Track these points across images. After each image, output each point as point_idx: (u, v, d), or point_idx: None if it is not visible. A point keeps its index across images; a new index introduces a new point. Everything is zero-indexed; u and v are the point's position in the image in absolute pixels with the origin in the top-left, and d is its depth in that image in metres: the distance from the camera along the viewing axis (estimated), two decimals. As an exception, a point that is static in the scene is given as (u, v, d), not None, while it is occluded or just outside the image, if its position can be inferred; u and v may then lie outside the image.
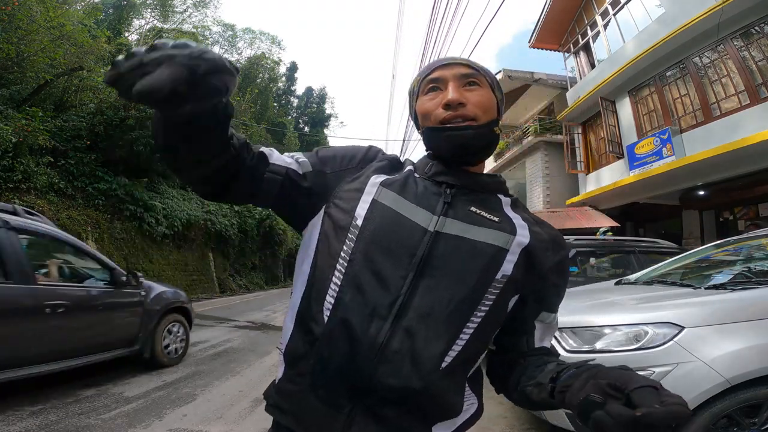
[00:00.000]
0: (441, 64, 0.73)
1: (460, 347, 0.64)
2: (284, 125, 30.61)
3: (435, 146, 0.73)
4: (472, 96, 0.70)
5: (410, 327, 0.62)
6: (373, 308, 0.62)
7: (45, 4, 9.69)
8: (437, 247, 0.65)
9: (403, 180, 0.72)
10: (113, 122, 11.15)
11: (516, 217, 0.73)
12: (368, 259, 0.65)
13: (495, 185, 0.76)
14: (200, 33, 22.98)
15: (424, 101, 0.73)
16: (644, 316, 2.11)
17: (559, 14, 11.74)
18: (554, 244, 0.74)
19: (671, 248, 5.26)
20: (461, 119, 0.69)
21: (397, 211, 0.68)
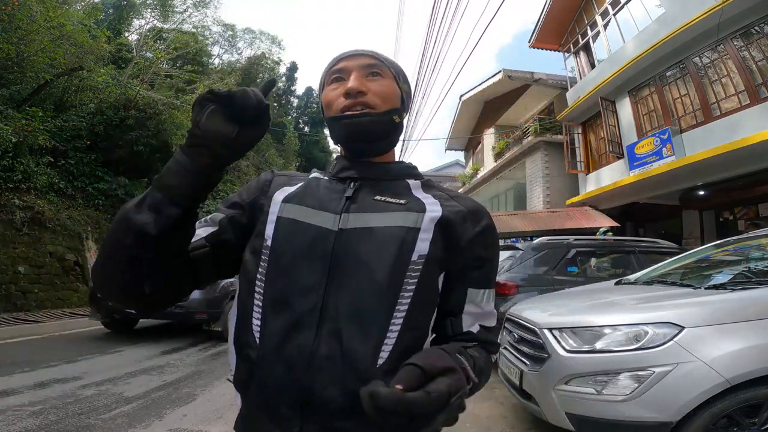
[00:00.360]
0: (346, 55, 0.75)
1: (393, 339, 0.61)
2: (284, 125, 30.60)
3: (335, 135, 0.74)
4: (373, 85, 0.72)
5: (335, 329, 0.61)
6: (297, 319, 0.62)
7: (45, 4, 9.68)
8: (344, 243, 0.65)
9: (303, 188, 0.74)
10: (113, 122, 11.15)
11: (426, 196, 0.73)
12: (283, 273, 0.65)
13: (403, 171, 0.77)
14: (200, 33, 22.97)
15: (328, 91, 0.74)
16: (644, 316, 2.11)
17: (559, 14, 11.73)
18: (473, 215, 0.72)
19: (671, 248, 5.26)
20: (360, 107, 0.70)
21: (301, 221, 0.68)
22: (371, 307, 0.62)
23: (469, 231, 0.70)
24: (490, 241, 0.73)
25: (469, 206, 0.74)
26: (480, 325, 0.71)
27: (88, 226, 10.12)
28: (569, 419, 2.16)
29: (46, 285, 8.52)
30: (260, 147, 25.75)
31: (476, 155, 18.69)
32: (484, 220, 0.73)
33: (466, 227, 0.70)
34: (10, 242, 7.96)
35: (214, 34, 25.42)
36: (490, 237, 0.73)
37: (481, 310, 0.71)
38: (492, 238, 0.73)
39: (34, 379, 3.73)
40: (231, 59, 26.32)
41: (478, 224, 0.72)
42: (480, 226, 0.72)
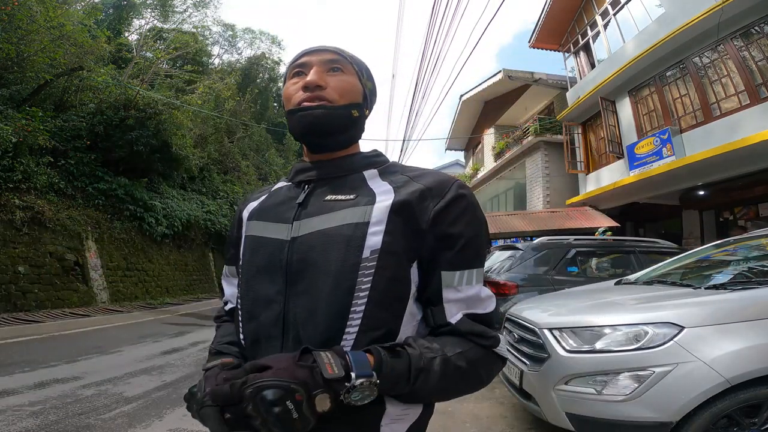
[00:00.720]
0: (309, 51, 0.73)
1: (351, 341, 0.60)
2: (284, 125, 30.58)
3: (291, 129, 0.73)
4: (333, 80, 0.70)
5: (297, 335, 0.62)
6: (266, 329, 0.65)
7: (45, 4, 9.68)
8: (296, 251, 0.65)
9: (265, 200, 0.77)
10: (113, 122, 11.15)
11: (381, 184, 0.69)
12: (251, 288, 0.69)
13: (361, 162, 0.74)
14: (200, 33, 22.97)
15: (288, 86, 0.73)
16: (644, 316, 2.11)
17: (559, 14, 11.73)
18: (433, 190, 0.66)
19: (671, 248, 5.26)
20: (317, 101, 0.68)
21: (261, 236, 0.70)
22: (325, 312, 0.61)
23: (429, 209, 0.64)
24: (458, 214, 0.65)
25: (430, 182, 0.67)
26: (465, 314, 0.65)
27: (88, 226, 10.12)
28: (569, 419, 2.16)
29: (46, 285, 8.52)
30: (260, 147, 25.76)
31: (476, 155, 18.70)
32: (448, 193, 0.65)
33: (425, 206, 0.64)
34: (10, 242, 7.97)
35: (214, 34, 25.44)
36: (458, 210, 0.65)
37: (463, 295, 0.64)
38: (460, 210, 0.65)
39: (34, 379, 3.73)
40: (231, 59, 26.34)
41: (441, 199, 0.65)
42: (443, 201, 0.65)
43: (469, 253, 0.65)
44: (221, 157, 20.18)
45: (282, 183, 0.80)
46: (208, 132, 17.59)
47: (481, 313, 0.66)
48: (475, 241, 0.66)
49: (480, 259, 0.67)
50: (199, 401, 0.56)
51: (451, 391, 0.64)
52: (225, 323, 0.85)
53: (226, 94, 19.20)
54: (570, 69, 12.52)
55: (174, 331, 6.93)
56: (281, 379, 0.50)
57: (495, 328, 0.67)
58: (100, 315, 8.65)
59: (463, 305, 0.65)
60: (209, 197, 17.48)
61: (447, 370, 0.60)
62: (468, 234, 0.65)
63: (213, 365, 0.65)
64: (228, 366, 0.64)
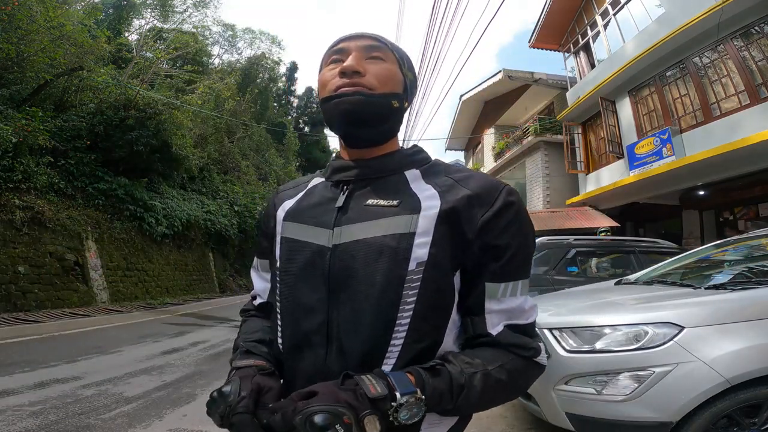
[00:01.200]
0: (347, 36, 0.70)
1: (395, 354, 0.59)
2: (284, 125, 30.59)
3: (327, 118, 0.68)
4: (373, 67, 0.66)
5: (341, 345, 0.61)
6: (308, 337, 0.63)
7: (45, 4, 9.69)
8: (339, 260, 0.62)
9: (302, 199, 0.73)
10: (113, 122, 11.15)
11: (425, 189, 0.65)
12: (291, 293, 0.66)
13: (402, 161, 0.70)
14: (200, 33, 22.97)
15: (325, 72, 0.69)
16: (644, 316, 2.11)
17: (559, 14, 11.74)
18: (481, 198, 0.62)
19: (671, 248, 5.26)
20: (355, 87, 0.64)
21: (299, 239, 0.68)
22: (370, 324, 0.60)
23: (476, 218, 0.61)
24: (506, 224, 0.61)
25: (477, 187, 0.63)
26: (506, 325, 0.62)
27: (88, 226, 10.12)
28: (569, 419, 2.16)
29: (46, 285, 8.52)
30: (260, 147, 25.76)
31: (476, 155, 18.70)
32: (497, 201, 0.62)
33: (472, 214, 0.61)
34: (10, 242, 7.96)
35: (214, 34, 25.43)
36: (506, 219, 0.62)
37: (506, 306, 0.62)
38: (509, 219, 0.62)
39: (34, 379, 3.73)
40: (231, 59, 26.33)
41: (489, 207, 0.62)
42: (491, 210, 0.61)
43: (515, 265, 0.62)
44: (221, 157, 20.19)
45: (318, 179, 0.76)
46: (208, 132, 17.59)
47: (522, 324, 0.63)
48: (522, 252, 0.63)
49: (526, 270, 0.64)
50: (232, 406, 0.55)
51: (491, 403, 0.62)
52: (253, 318, 0.81)
53: (226, 94, 19.21)
54: (570, 69, 12.53)
55: (174, 331, 6.93)
56: (328, 403, 0.49)
57: (537, 337, 0.65)
58: (100, 315, 8.65)
59: (504, 316, 0.63)
60: (209, 197, 17.48)
61: (488, 385, 0.58)
62: (515, 245, 0.62)
63: (245, 365, 0.64)
64: (263, 370, 0.64)
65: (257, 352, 0.70)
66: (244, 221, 18.69)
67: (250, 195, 20.51)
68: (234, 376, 0.61)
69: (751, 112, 6.84)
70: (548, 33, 12.29)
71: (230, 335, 6.76)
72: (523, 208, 0.65)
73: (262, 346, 0.71)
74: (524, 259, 0.64)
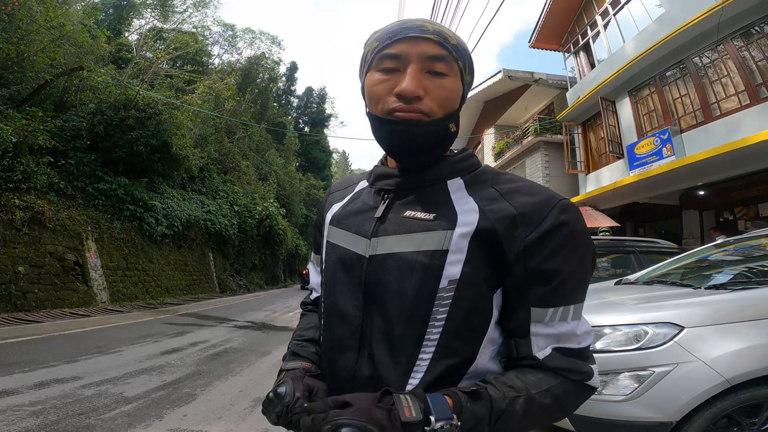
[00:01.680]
0: (405, 35, 0.59)
1: (423, 368, 0.59)
2: (284, 125, 30.62)
3: (378, 138, 0.64)
4: (434, 87, 0.59)
5: (372, 353, 0.61)
6: (342, 342, 0.65)
7: (45, 4, 9.70)
8: (374, 271, 0.62)
9: (348, 203, 0.73)
10: (113, 122, 11.15)
11: (466, 202, 0.61)
12: (331, 298, 0.68)
13: (445, 170, 0.65)
14: (200, 33, 22.97)
15: (375, 81, 0.61)
16: (644, 316, 2.11)
17: (559, 14, 11.74)
18: (527, 216, 0.57)
19: (671, 248, 5.25)
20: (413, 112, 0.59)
21: (341, 245, 0.68)
22: (399, 336, 0.60)
23: (520, 240, 0.56)
24: (556, 247, 0.56)
25: (524, 203, 0.58)
26: (554, 349, 0.58)
27: (88, 226, 10.12)
28: (569, 419, 2.16)
29: (46, 285, 8.52)
30: (260, 147, 25.78)
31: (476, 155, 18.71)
32: (546, 220, 0.56)
33: (515, 236, 0.56)
34: (10, 242, 7.96)
35: (214, 34, 25.49)
36: (557, 242, 0.56)
37: (555, 331, 0.58)
38: (560, 242, 0.56)
39: (34, 379, 3.73)
40: (231, 59, 26.38)
41: (535, 228, 0.56)
42: (537, 231, 0.56)
43: (566, 290, 0.57)
44: (221, 157, 20.20)
45: (363, 183, 0.75)
46: (208, 132, 17.60)
47: (574, 348, 0.59)
48: (576, 276, 0.58)
49: (580, 294, 0.59)
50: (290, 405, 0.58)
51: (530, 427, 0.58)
52: (310, 313, 0.85)
53: (226, 94, 19.22)
54: (570, 69, 12.53)
55: (174, 331, 6.93)
56: (360, 419, 0.49)
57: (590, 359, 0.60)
58: (100, 315, 8.65)
59: (553, 340, 0.58)
60: (209, 197, 17.49)
61: (530, 410, 0.56)
62: (567, 269, 0.57)
63: (293, 367, 0.67)
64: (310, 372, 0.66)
65: (304, 354, 0.72)
66: (244, 221, 18.70)
67: (250, 195, 20.53)
68: (285, 377, 0.64)
69: (751, 112, 6.84)
70: (548, 33, 12.30)
71: (230, 335, 6.77)
72: (579, 228, 0.58)
73: (310, 346, 0.74)
74: (578, 283, 0.59)
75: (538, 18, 12.11)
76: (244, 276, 19.75)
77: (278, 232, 21.32)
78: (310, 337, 0.76)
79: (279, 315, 9.98)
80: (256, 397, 3.58)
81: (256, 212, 19.51)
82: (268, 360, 5.06)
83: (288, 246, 23.98)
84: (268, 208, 20.25)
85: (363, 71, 0.65)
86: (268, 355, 5.31)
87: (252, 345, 6.02)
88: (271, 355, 5.32)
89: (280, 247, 22.61)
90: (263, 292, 18.51)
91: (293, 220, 26.64)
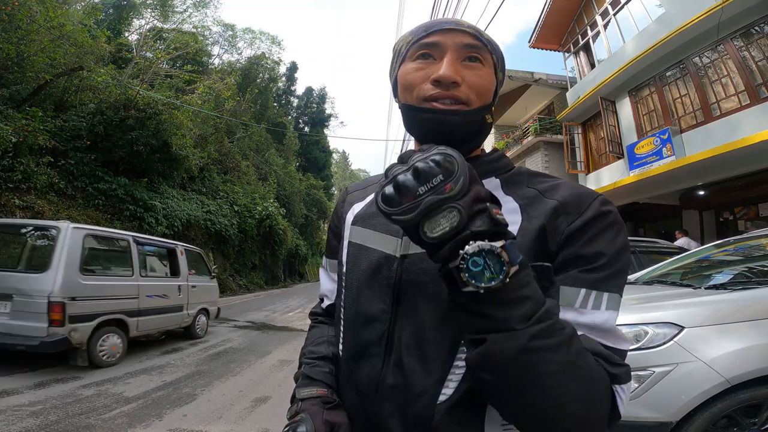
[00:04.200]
0: (441, 27, 0.60)
1: (459, 375, 0.54)
2: (284, 125, 30.60)
3: (411, 127, 0.62)
4: (470, 75, 0.59)
5: (399, 360, 0.57)
6: (366, 347, 0.61)
7: (45, 4, 9.69)
8: (406, 271, 0.59)
9: (368, 205, 0.70)
10: (113, 122, 11.15)
11: (506, 201, 0.59)
12: (354, 300, 0.64)
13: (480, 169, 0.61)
14: (200, 33, 22.98)
15: (410, 70, 0.61)
16: (644, 316, 2.11)
17: (559, 14, 11.74)
18: (569, 206, 0.56)
19: (671, 248, 5.25)
20: (450, 101, 0.57)
21: (366, 246, 0.65)
22: (433, 341, 0.56)
23: (562, 228, 0.54)
24: (597, 233, 0.53)
25: (566, 196, 0.57)
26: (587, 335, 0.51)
27: (88, 226, 10.12)
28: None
29: (46, 285, 8.50)
30: (260, 147, 25.77)
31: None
32: (588, 210, 0.55)
33: (557, 225, 0.55)
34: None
35: (214, 34, 25.48)
36: (598, 229, 0.54)
37: (587, 318, 0.51)
38: (601, 229, 0.54)
39: (34, 379, 3.73)
40: (231, 59, 26.35)
41: (578, 216, 0.55)
42: (581, 219, 0.54)
43: (604, 273, 0.52)
44: (221, 157, 20.19)
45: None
46: (208, 132, 17.59)
47: (609, 345, 0.51)
48: (617, 261, 0.53)
49: (619, 284, 0.53)
50: None
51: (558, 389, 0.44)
52: (321, 325, 0.79)
53: (226, 94, 19.22)
54: (570, 69, 12.53)
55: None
56: None
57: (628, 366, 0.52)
58: (100, 315, 8.64)
59: (585, 330, 0.51)
60: (209, 197, 17.48)
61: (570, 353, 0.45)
62: (609, 252, 0.53)
63: (309, 396, 0.63)
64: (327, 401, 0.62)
65: (318, 377, 0.67)
66: (244, 221, 18.69)
67: (250, 195, 20.53)
68: (303, 412, 0.61)
69: (750, 112, 6.84)
70: (548, 33, 12.30)
71: (230, 335, 6.76)
72: (620, 220, 0.56)
73: (323, 366, 0.69)
74: (617, 270, 0.53)
75: (538, 18, 12.11)
76: (244, 276, 19.75)
77: (278, 232, 21.31)
78: (322, 354, 0.71)
79: (279, 315, 9.98)
80: (256, 397, 3.58)
81: (256, 212, 19.50)
82: (268, 360, 5.06)
83: (288, 246, 23.97)
84: (268, 208, 20.24)
85: (396, 65, 0.65)
86: (268, 355, 5.31)
87: (252, 345, 6.02)
88: (271, 355, 5.32)
89: (280, 247, 22.59)
90: (263, 292, 18.51)
91: (293, 220, 26.63)
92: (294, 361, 5.02)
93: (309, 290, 20.37)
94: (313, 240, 32.41)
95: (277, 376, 4.31)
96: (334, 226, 0.78)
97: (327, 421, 0.59)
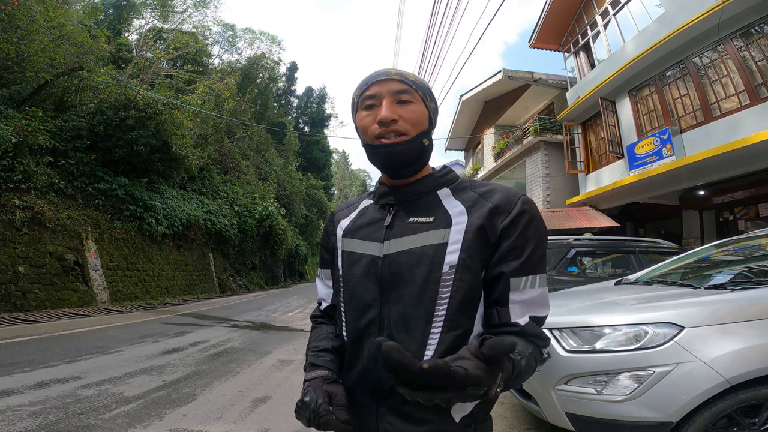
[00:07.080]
0: (376, 80, 0.80)
1: (435, 340, 0.72)
2: (284, 125, 30.60)
3: (372, 160, 0.82)
4: (404, 111, 0.78)
5: (391, 334, 0.75)
6: (366, 329, 0.79)
7: (45, 4, 9.70)
8: (389, 266, 0.77)
9: (357, 218, 0.89)
10: (113, 122, 11.15)
11: (455, 205, 0.79)
12: (353, 294, 0.82)
13: (433, 183, 0.83)
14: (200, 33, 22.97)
15: (362, 117, 0.81)
16: (644, 316, 2.11)
17: (559, 14, 11.74)
18: (500, 207, 0.75)
19: (671, 248, 5.26)
20: (393, 134, 0.77)
21: (357, 252, 0.83)
22: (414, 315, 0.74)
23: (497, 225, 0.74)
24: (522, 228, 0.74)
25: (498, 200, 0.76)
26: (531, 317, 0.73)
27: (88, 226, 10.12)
28: (569, 419, 2.16)
29: (46, 285, 8.52)
30: (260, 147, 25.77)
31: (476, 155, 18.70)
32: (513, 209, 0.75)
33: (494, 222, 0.74)
34: (10, 242, 7.96)
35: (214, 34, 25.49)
36: (522, 224, 0.74)
37: (527, 296, 0.73)
38: (524, 224, 0.74)
39: (34, 379, 3.73)
40: (231, 59, 26.38)
41: (507, 215, 0.75)
42: (509, 217, 0.74)
43: (533, 261, 0.74)
44: (221, 157, 20.19)
45: (367, 201, 0.92)
46: (208, 132, 17.60)
47: (541, 316, 0.75)
48: (539, 250, 0.75)
49: (542, 265, 0.75)
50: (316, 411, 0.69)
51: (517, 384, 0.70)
52: (320, 325, 0.96)
53: (226, 94, 19.21)
54: (570, 69, 12.53)
55: (174, 331, 6.93)
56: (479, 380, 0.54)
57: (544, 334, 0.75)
58: (100, 315, 8.65)
59: (527, 307, 0.73)
60: (209, 197, 17.48)
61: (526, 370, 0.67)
62: (532, 244, 0.74)
63: (314, 377, 0.78)
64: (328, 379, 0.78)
65: (321, 363, 0.82)
66: (244, 221, 18.69)
67: (250, 195, 20.52)
68: (308, 387, 0.76)
69: (751, 112, 6.84)
70: (548, 33, 12.29)
71: (230, 335, 6.76)
72: (537, 213, 0.77)
73: (325, 355, 0.84)
74: (540, 256, 0.75)
75: (538, 18, 12.11)
76: (244, 276, 19.75)
77: (278, 232, 21.31)
78: (324, 347, 0.86)
79: (279, 315, 9.98)
80: (255, 397, 3.58)
81: (256, 212, 19.50)
82: (268, 360, 5.06)
83: (288, 246, 23.96)
84: (268, 208, 20.23)
85: (353, 113, 0.85)
86: (268, 355, 5.31)
87: (252, 345, 6.02)
88: (270, 355, 5.31)
89: (280, 247, 22.59)
90: (263, 292, 18.51)
91: (293, 220, 26.62)
92: (294, 361, 5.02)
93: (309, 290, 20.34)
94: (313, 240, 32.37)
95: (277, 376, 4.30)
96: (325, 243, 0.96)
97: (326, 391, 0.74)
